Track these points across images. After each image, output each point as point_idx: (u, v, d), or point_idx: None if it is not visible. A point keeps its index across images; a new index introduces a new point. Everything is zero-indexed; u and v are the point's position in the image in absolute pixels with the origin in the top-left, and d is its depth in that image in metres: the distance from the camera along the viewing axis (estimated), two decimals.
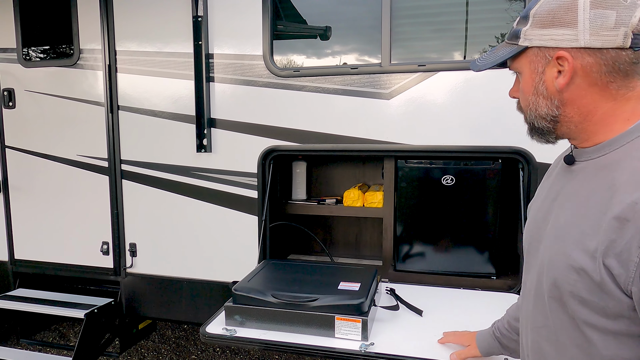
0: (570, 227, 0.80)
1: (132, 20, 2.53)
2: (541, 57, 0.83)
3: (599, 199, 0.76)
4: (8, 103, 2.81)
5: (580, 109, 0.82)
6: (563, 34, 0.79)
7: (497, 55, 0.90)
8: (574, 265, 0.76)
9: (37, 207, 2.84)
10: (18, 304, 2.69)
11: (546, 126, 0.86)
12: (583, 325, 0.77)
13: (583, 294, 0.75)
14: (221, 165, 2.46)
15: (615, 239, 0.71)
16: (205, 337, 1.71)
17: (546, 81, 0.83)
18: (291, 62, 2.44)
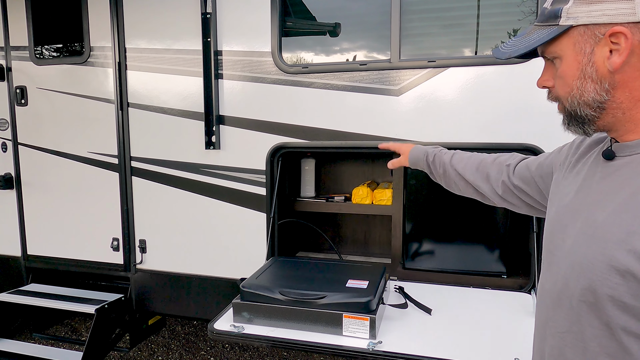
0: (612, 226, 0.73)
1: (142, 18, 2.54)
2: (589, 35, 0.75)
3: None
4: (21, 100, 2.84)
5: (633, 93, 0.75)
6: (617, 8, 0.72)
7: (531, 39, 0.81)
8: (617, 267, 0.70)
9: (48, 203, 2.87)
10: (31, 298, 2.73)
11: (590, 114, 0.78)
12: (621, 333, 0.71)
13: (626, 298, 0.69)
14: (230, 162, 2.46)
15: None
16: (213, 334, 1.71)
17: (596, 62, 0.75)
18: (300, 59, 2.43)
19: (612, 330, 0.72)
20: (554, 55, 0.81)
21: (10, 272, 3.00)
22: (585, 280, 0.74)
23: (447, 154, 1.39)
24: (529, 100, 1.99)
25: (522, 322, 1.76)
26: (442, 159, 1.38)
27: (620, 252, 0.69)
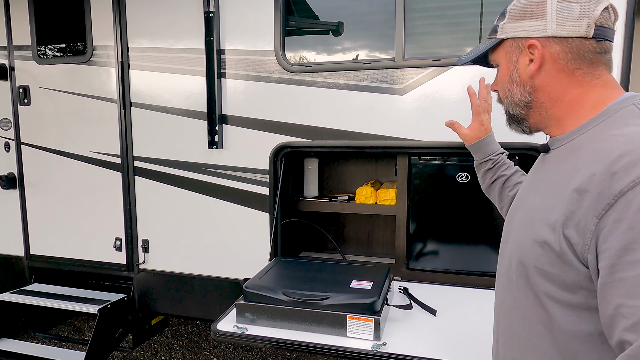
0: (539, 208, 0.84)
1: (144, 17, 2.53)
2: (515, 47, 0.92)
3: (565, 178, 0.80)
4: (23, 100, 2.84)
5: (550, 95, 0.89)
6: (533, 25, 0.88)
7: (479, 49, 1.00)
8: (537, 240, 0.81)
9: (51, 203, 2.87)
10: (33, 298, 2.73)
11: (520, 112, 0.94)
12: (545, 298, 0.81)
13: (546, 267, 0.79)
14: (233, 161, 2.45)
15: (574, 210, 0.74)
16: (216, 335, 1.70)
17: (519, 69, 0.91)
18: (303, 58, 2.41)
19: (540, 299, 0.82)
20: (495, 63, 0.99)
21: (14, 272, 3.00)
22: (520, 256, 0.86)
23: (507, 170, 1.42)
24: None
25: None
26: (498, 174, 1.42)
27: (542, 227, 0.81)
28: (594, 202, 0.71)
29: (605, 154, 0.73)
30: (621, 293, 0.68)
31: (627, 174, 0.68)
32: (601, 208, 0.70)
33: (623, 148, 0.71)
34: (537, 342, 0.84)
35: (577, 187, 0.75)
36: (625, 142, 0.72)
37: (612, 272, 0.69)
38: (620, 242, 0.67)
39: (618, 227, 0.68)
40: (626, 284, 0.67)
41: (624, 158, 0.70)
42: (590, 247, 0.72)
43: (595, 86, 0.85)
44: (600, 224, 0.70)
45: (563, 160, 0.86)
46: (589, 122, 0.84)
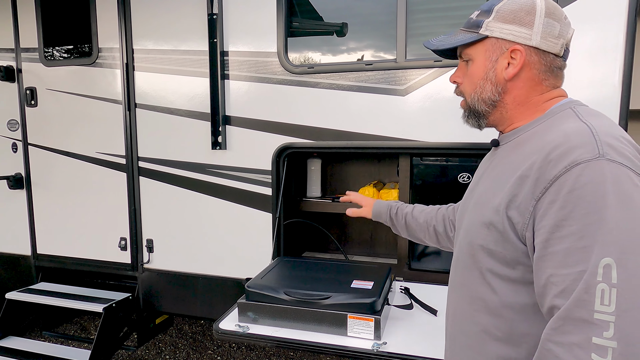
0: (487, 194, 0.94)
1: (149, 19, 2.56)
2: (497, 47, 0.95)
3: (510, 168, 0.90)
4: (30, 101, 2.88)
5: (516, 98, 0.96)
6: (520, 32, 0.92)
7: (455, 39, 1.00)
8: (484, 222, 0.91)
9: (58, 202, 2.91)
10: (40, 297, 2.76)
11: (484, 109, 0.99)
12: (487, 273, 0.91)
13: (491, 245, 0.89)
14: (236, 162, 2.47)
15: (517, 193, 0.84)
16: (218, 333, 1.72)
17: (497, 69, 0.95)
18: (307, 59, 2.42)
19: (483, 275, 0.92)
20: (468, 57, 1.00)
21: (21, 271, 3.04)
22: (469, 237, 0.96)
23: (408, 207, 1.57)
24: None
25: None
26: (404, 211, 1.56)
27: (488, 210, 0.90)
28: (533, 186, 0.80)
29: (543, 145, 0.83)
30: (552, 264, 0.76)
31: (560, 161, 0.78)
32: (539, 191, 0.79)
33: (558, 140, 0.81)
34: (477, 314, 0.94)
35: (519, 174, 0.84)
36: (560, 136, 0.82)
37: (546, 246, 0.77)
38: (553, 220, 0.76)
39: (552, 207, 0.77)
40: (557, 256, 0.75)
41: (558, 148, 0.79)
42: (528, 226, 0.81)
43: (553, 95, 0.95)
44: (537, 205, 0.79)
45: (509, 153, 0.95)
46: (535, 121, 0.94)
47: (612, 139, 0.78)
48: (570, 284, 0.73)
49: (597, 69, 1.89)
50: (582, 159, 0.76)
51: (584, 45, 1.90)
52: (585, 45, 1.90)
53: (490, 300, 0.90)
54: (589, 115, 0.87)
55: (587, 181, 0.74)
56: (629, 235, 0.71)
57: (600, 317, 0.70)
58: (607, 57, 1.88)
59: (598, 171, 0.74)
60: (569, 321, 0.72)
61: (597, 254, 0.71)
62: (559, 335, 0.73)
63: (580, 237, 0.73)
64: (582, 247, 0.73)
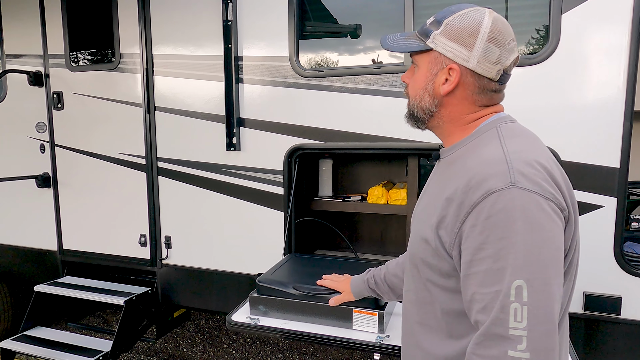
0: (425, 211, 1.01)
1: (168, 27, 2.67)
2: (439, 61, 0.98)
3: (441, 187, 0.96)
4: (57, 105, 3.03)
5: (451, 114, 1.00)
6: (460, 52, 0.94)
7: (407, 45, 1.03)
8: (423, 237, 0.98)
9: (82, 201, 3.04)
10: (66, 290, 2.91)
11: (422, 117, 1.04)
12: (428, 283, 0.99)
13: (429, 259, 0.97)
14: (249, 162, 2.56)
15: (445, 214, 0.90)
16: (230, 325, 1.81)
17: (435, 83, 0.99)
18: (323, 61, 2.49)
19: (424, 283, 1.00)
20: (416, 62, 1.03)
21: (47, 265, 3.19)
22: (412, 250, 1.04)
23: (381, 269, 1.52)
24: (540, 101, 2.00)
25: None
26: (380, 275, 1.50)
27: (426, 227, 0.97)
28: (457, 210, 0.87)
29: (466, 171, 0.89)
30: (475, 283, 0.84)
31: (479, 188, 0.84)
32: (462, 215, 0.86)
33: (477, 168, 0.87)
34: (422, 318, 1.02)
35: (447, 196, 0.90)
36: (478, 163, 0.88)
37: (469, 266, 0.85)
38: (475, 243, 0.83)
39: (473, 231, 0.83)
40: (478, 276, 0.83)
41: (477, 176, 0.85)
42: (454, 245, 0.88)
43: (484, 114, 0.99)
44: (462, 227, 0.86)
45: (442, 171, 1.03)
46: (464, 140, 1.00)
47: (524, 165, 0.84)
48: (489, 302, 0.81)
49: (603, 71, 1.92)
50: (496, 187, 0.82)
51: (589, 46, 1.92)
52: (590, 47, 1.92)
53: (431, 305, 0.99)
54: (510, 137, 0.92)
55: (500, 208, 0.80)
56: (537, 258, 0.79)
57: (514, 332, 0.77)
58: (612, 59, 1.90)
59: (509, 199, 0.80)
60: (489, 337, 0.80)
61: (509, 276, 0.79)
62: (481, 349, 0.81)
63: (495, 260, 0.80)
64: (497, 269, 0.80)
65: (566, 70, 1.96)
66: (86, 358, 2.53)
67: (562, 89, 1.97)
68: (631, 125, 1.88)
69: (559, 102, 1.98)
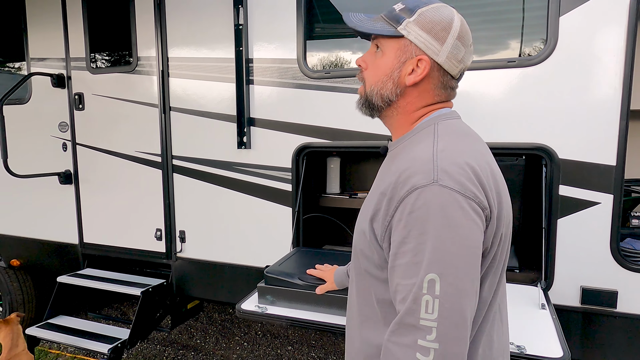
0: (365, 203, 1.02)
1: (182, 31, 2.79)
2: (408, 50, 0.96)
3: (379, 182, 0.98)
4: (79, 105, 3.18)
5: (407, 105, 0.99)
6: (432, 45, 0.94)
7: (374, 26, 0.99)
8: (362, 229, 0.99)
9: (101, 197, 3.19)
10: (86, 281, 3.06)
11: (379, 105, 1.01)
12: (365, 273, 1.01)
13: (365, 250, 0.98)
14: (259, 160, 2.67)
15: (379, 208, 0.92)
16: (240, 313, 1.92)
17: (402, 71, 0.97)
18: (330, 63, 2.58)
19: (362, 273, 1.02)
20: (380, 46, 1.00)
21: (69, 258, 3.35)
22: (354, 241, 1.05)
23: None
24: (539, 101, 2.06)
25: (533, 314, 1.83)
26: None
27: (363, 220, 0.99)
28: (388, 204, 0.89)
29: (398, 167, 0.91)
30: (398, 275, 0.86)
31: (405, 184, 0.86)
32: (392, 210, 0.88)
33: (406, 165, 0.89)
34: (360, 306, 1.04)
35: (381, 190, 0.92)
36: (409, 160, 0.90)
37: (394, 259, 0.87)
38: (399, 237, 0.86)
39: (399, 225, 0.86)
40: (401, 268, 0.86)
41: (405, 172, 0.87)
42: (385, 238, 0.90)
43: (432, 109, 0.99)
44: (391, 221, 0.88)
45: (386, 165, 1.03)
46: (405, 136, 1.00)
47: (449, 164, 0.86)
48: (406, 294, 0.84)
49: (600, 71, 1.97)
50: (419, 184, 0.84)
51: (587, 48, 1.98)
52: (588, 48, 1.98)
53: (368, 294, 1.01)
54: (445, 135, 0.94)
55: (421, 204, 0.83)
56: (450, 253, 0.81)
57: (424, 323, 0.81)
58: (609, 60, 1.95)
59: (430, 196, 0.83)
60: (402, 326, 0.84)
61: (424, 269, 0.82)
62: (395, 336, 0.85)
63: (414, 254, 0.83)
64: (415, 263, 0.83)
65: (564, 71, 2.02)
66: (105, 344, 2.68)
67: (560, 89, 2.03)
68: (627, 124, 1.93)
69: (558, 102, 2.04)
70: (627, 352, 2.03)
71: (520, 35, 2.17)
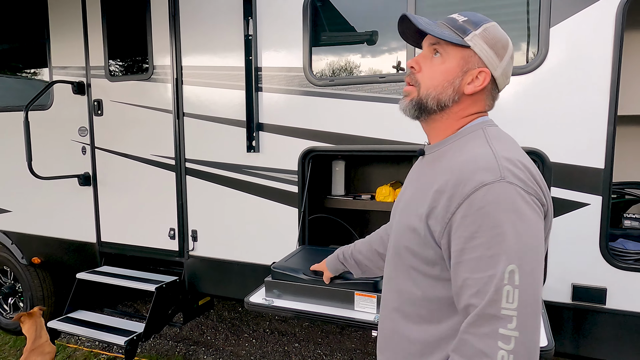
0: (411, 202, 1.06)
1: (195, 41, 2.94)
2: (472, 61, 1.01)
3: (429, 180, 1.01)
4: (97, 111, 3.35)
5: (460, 111, 1.05)
6: (493, 59, 1.01)
7: (443, 33, 1.01)
8: (410, 226, 1.02)
9: (118, 198, 3.34)
10: (104, 277, 3.22)
11: (433, 108, 1.04)
12: (411, 270, 1.03)
13: (415, 247, 1.01)
14: (267, 163, 2.80)
15: (435, 206, 0.95)
16: (248, 305, 2.05)
17: (463, 80, 1.02)
18: (335, 71, 2.72)
19: (408, 271, 1.04)
20: (442, 54, 1.03)
21: (87, 256, 3.51)
22: (396, 239, 1.08)
23: (349, 246, 1.69)
24: (531, 107, 2.18)
25: None
26: (348, 252, 1.67)
27: (413, 217, 1.02)
28: (448, 201, 0.92)
29: (456, 165, 0.95)
30: (467, 269, 0.89)
31: (469, 181, 0.90)
32: (454, 206, 0.91)
33: (468, 163, 0.94)
34: (402, 304, 1.06)
35: (437, 188, 0.96)
36: (469, 159, 0.94)
37: (461, 254, 0.90)
38: (467, 232, 0.89)
39: (465, 221, 0.89)
40: (471, 263, 0.88)
41: (468, 170, 0.92)
42: (444, 235, 0.93)
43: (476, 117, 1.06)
44: (453, 218, 0.91)
45: (431, 165, 1.06)
46: (450, 138, 1.04)
47: (510, 163, 0.91)
48: (482, 286, 0.86)
49: (588, 79, 2.07)
50: (487, 180, 0.88)
51: (576, 57, 2.09)
52: (577, 57, 2.08)
53: (414, 292, 1.03)
54: (495, 138, 1.00)
55: (491, 200, 0.87)
56: (525, 244, 0.86)
57: (505, 312, 0.84)
58: (597, 68, 2.05)
59: (499, 191, 0.87)
60: (482, 317, 0.86)
61: (503, 261, 0.85)
62: (473, 327, 0.87)
63: (488, 247, 0.86)
64: (490, 256, 0.86)
65: (555, 79, 2.13)
66: (122, 337, 2.83)
67: (551, 96, 2.14)
68: (614, 129, 2.04)
69: (549, 108, 2.15)
70: (616, 346, 2.12)
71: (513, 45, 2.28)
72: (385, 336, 1.13)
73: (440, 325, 0.99)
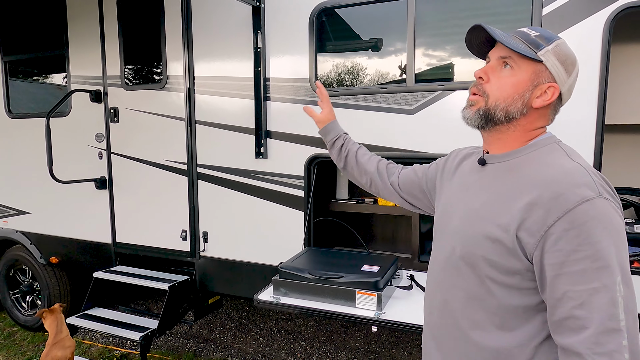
0: (485, 209, 1.03)
1: (207, 53, 3.09)
2: (542, 76, 1.01)
3: (508, 190, 1.01)
4: (114, 118, 3.52)
5: (527, 124, 1.04)
6: (563, 75, 1.02)
7: (519, 46, 1.01)
8: (489, 236, 0.99)
9: (133, 200, 3.49)
10: (119, 276, 3.37)
11: (500, 120, 1.04)
12: (487, 279, 1.02)
13: (494, 257, 0.99)
14: (275, 169, 2.94)
15: (526, 218, 0.94)
16: (257, 302, 2.20)
17: (532, 94, 1.02)
18: (339, 82, 2.85)
19: (482, 280, 1.03)
20: (513, 66, 1.03)
21: (103, 256, 3.66)
22: (467, 246, 1.05)
23: (354, 144, 1.66)
24: None
25: None
26: (349, 146, 1.65)
27: (492, 226, 1.00)
28: (545, 214, 0.92)
29: (547, 178, 0.95)
30: (568, 282, 0.89)
31: (570, 196, 0.90)
32: (552, 220, 0.91)
33: (562, 177, 0.94)
34: (471, 312, 1.05)
35: (528, 201, 0.94)
36: (562, 173, 0.95)
37: (562, 267, 0.90)
38: (569, 246, 0.89)
39: (567, 235, 0.89)
40: (575, 275, 0.89)
41: (565, 184, 0.92)
42: (538, 247, 0.93)
43: (543, 130, 1.07)
44: (549, 230, 0.91)
45: (502, 176, 1.04)
46: (522, 150, 1.04)
47: (600, 179, 0.95)
48: (587, 298, 0.87)
49: (577, 92, 2.18)
50: (589, 196, 0.89)
51: None
52: None
53: (487, 300, 1.02)
54: (574, 153, 1.01)
55: (594, 214, 0.88)
56: (624, 258, 0.89)
57: (622, 324, 0.85)
58: (586, 82, 2.17)
59: (601, 207, 0.89)
60: (605, 332, 0.85)
61: (612, 274, 0.86)
62: (599, 347, 0.85)
63: (593, 260, 0.87)
64: (596, 269, 0.87)
65: None
66: (137, 332, 2.99)
67: None
68: (602, 138, 2.16)
69: None
70: None
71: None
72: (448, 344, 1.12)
73: (513, 332, 1.00)
